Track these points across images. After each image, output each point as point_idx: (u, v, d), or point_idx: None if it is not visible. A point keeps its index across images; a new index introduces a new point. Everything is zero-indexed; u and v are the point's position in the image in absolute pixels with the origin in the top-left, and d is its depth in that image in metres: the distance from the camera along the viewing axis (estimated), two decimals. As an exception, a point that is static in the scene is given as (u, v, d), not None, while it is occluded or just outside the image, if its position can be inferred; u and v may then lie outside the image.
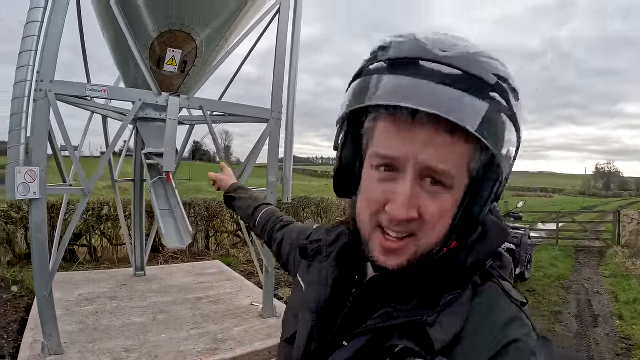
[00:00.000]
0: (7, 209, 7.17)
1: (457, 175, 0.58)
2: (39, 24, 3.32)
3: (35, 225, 3.45)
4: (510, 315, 0.59)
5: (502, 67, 0.58)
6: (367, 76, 0.60)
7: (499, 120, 0.56)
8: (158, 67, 4.00)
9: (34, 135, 3.36)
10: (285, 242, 1.10)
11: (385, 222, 0.60)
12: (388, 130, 0.58)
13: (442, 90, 0.53)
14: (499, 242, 0.67)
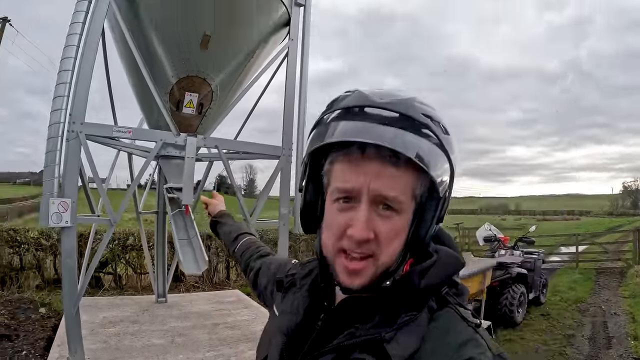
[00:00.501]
0: (37, 236, 7.68)
1: (404, 201, 0.68)
2: (70, 72, 3.80)
3: (66, 250, 3.83)
4: (466, 337, 0.65)
5: (431, 109, 0.70)
6: (322, 124, 0.71)
7: (431, 151, 0.66)
8: (177, 109, 4.43)
9: (66, 171, 3.78)
10: (263, 273, 1.18)
11: (347, 244, 0.68)
12: (344, 168, 0.69)
13: (384, 129, 0.64)
14: (452, 269, 0.74)
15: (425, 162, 0.65)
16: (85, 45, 3.86)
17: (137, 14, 4.25)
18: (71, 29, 3.87)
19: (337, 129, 0.68)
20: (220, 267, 8.74)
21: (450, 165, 0.70)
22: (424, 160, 0.65)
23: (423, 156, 0.65)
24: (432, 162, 0.66)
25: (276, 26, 4.83)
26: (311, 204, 0.79)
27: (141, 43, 4.27)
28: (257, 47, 4.74)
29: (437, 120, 0.69)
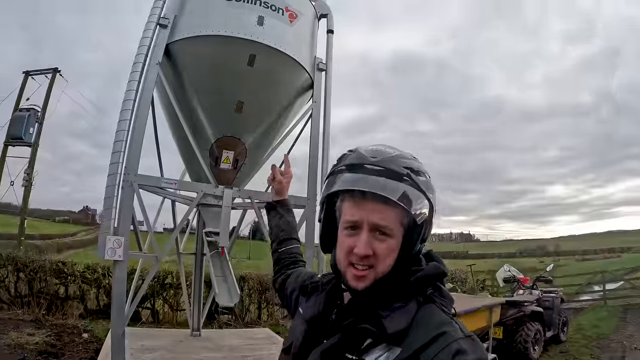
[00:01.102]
0: (83, 270, 8.45)
1: (395, 228, 0.94)
2: (126, 132, 4.54)
3: (117, 280, 4.44)
4: (444, 319, 0.91)
5: (411, 161, 0.98)
6: (334, 175, 1.01)
7: (410, 192, 0.93)
8: (216, 164, 5.17)
9: (121, 213, 4.46)
10: (291, 281, 1.40)
11: (354, 259, 0.95)
12: (350, 205, 0.97)
13: (376, 179, 0.92)
14: (434, 272, 0.99)
15: (405, 202, 0.92)
16: (138, 109, 4.63)
17: (181, 83, 5.07)
18: (126, 96, 4.64)
19: (344, 179, 0.97)
20: (252, 307, 9.24)
21: (428, 200, 0.96)
22: (404, 201, 0.92)
23: (404, 197, 0.92)
24: (412, 201, 0.93)
25: (301, 90, 5.54)
26: (327, 230, 1.09)
27: (185, 107, 5.04)
28: (284, 110, 5.47)
29: (416, 169, 0.97)
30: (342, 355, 0.92)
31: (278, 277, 1.49)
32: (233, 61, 4.88)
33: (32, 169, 15.95)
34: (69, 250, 28.77)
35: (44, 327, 6.60)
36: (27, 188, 15.86)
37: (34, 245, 19.47)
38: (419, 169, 0.98)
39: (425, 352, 0.84)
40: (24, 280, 7.86)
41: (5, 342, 5.42)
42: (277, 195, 1.68)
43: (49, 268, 7.97)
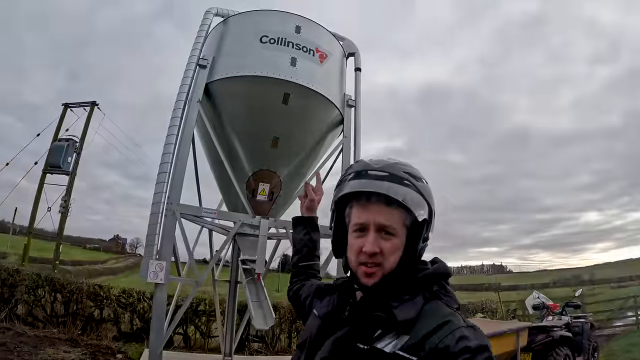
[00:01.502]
0: (118, 294, 8.74)
1: (398, 228, 1.03)
2: (169, 165, 4.96)
3: (157, 302, 4.76)
4: (448, 312, 0.98)
5: (410, 168, 1.08)
6: (342, 183, 1.12)
7: (411, 195, 1.02)
8: (253, 196, 5.53)
9: (163, 240, 4.81)
10: (305, 289, 1.47)
11: (363, 257, 1.03)
12: (357, 209, 1.07)
13: (379, 183, 1.02)
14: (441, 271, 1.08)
15: (408, 203, 1.01)
16: (180, 144, 5.06)
17: (220, 120, 5.52)
18: (169, 131, 5.10)
19: (351, 185, 1.07)
20: (282, 336, 9.35)
21: (427, 203, 1.06)
22: (407, 202, 1.01)
23: (407, 199, 1.01)
24: (413, 203, 1.02)
25: (332, 125, 5.92)
26: (339, 236, 1.18)
27: (223, 142, 5.47)
28: (316, 144, 5.85)
29: (415, 174, 1.07)
30: (353, 345, 0.98)
31: (293, 286, 1.55)
32: (268, 100, 5.30)
33: (70, 196, 16.74)
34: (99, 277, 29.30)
35: (79, 346, 6.86)
36: (64, 214, 16.62)
37: (65, 271, 20.04)
38: (417, 174, 1.08)
39: (431, 339, 0.91)
40: (60, 301, 8.18)
41: (42, 357, 5.67)
42: (307, 212, 1.68)
43: (85, 290, 8.30)
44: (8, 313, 7.46)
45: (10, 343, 6.00)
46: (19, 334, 6.72)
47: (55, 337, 7.12)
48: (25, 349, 5.90)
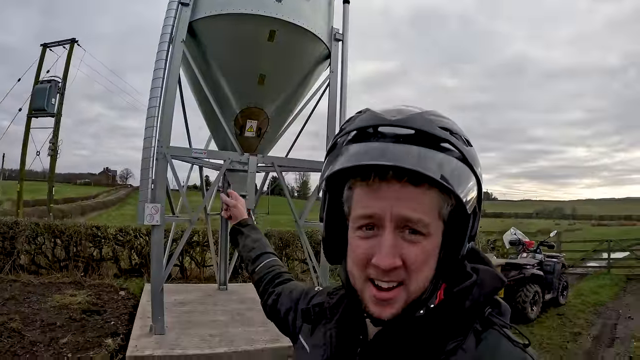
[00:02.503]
0: (115, 233, 9.04)
1: (431, 222, 0.63)
2: (157, 108, 4.96)
3: (155, 243, 4.99)
4: (516, 358, 0.62)
5: (449, 121, 0.66)
6: (336, 148, 0.67)
7: (455, 167, 0.62)
8: (241, 133, 5.64)
9: (156, 182, 4.94)
10: (284, 299, 1.09)
11: (374, 273, 0.63)
12: (363, 193, 0.65)
13: (400, 148, 0.60)
14: (494, 287, 0.69)
15: (449, 181, 0.60)
16: (167, 87, 5.02)
17: (206, 59, 5.46)
18: (155, 74, 5.03)
19: (351, 153, 0.64)
20: None
21: (477, 179, 0.66)
22: (448, 179, 0.60)
23: (447, 174, 0.60)
24: (457, 179, 0.62)
25: (319, 60, 5.89)
26: (334, 233, 0.76)
27: (210, 82, 5.46)
28: (303, 80, 5.85)
29: (457, 132, 0.65)
30: None
31: (267, 299, 1.16)
32: (254, 37, 5.22)
33: (57, 138, 16.62)
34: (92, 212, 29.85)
35: (83, 287, 7.16)
36: (53, 157, 16.58)
37: (58, 210, 20.30)
38: (461, 132, 0.67)
39: None
40: (60, 246, 8.46)
41: (50, 304, 5.93)
42: (234, 220, 1.44)
43: (83, 233, 8.55)
44: (12, 265, 7.72)
45: (19, 295, 6.24)
46: (25, 284, 6.97)
47: (60, 282, 7.41)
48: (34, 299, 6.15)
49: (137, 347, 4.54)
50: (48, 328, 5.05)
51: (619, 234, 26.92)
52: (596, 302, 8.67)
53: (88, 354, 4.45)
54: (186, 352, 4.53)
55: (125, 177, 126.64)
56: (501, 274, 0.79)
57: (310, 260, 5.93)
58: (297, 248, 10.15)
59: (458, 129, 0.67)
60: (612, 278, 11.33)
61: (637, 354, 5.42)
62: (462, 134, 0.67)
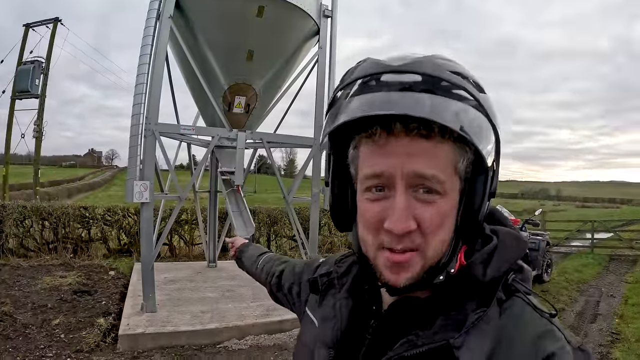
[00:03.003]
0: (103, 213, 8.98)
1: (447, 179, 0.57)
2: (144, 85, 4.91)
3: (144, 220, 4.97)
4: (541, 329, 0.56)
5: (459, 65, 0.59)
6: (337, 103, 0.60)
7: (472, 115, 0.55)
8: (229, 109, 5.61)
9: (145, 160, 4.91)
10: (287, 274, 1.05)
11: (387, 240, 0.58)
12: (369, 151, 0.59)
13: (408, 96, 0.53)
14: (517, 253, 0.63)
15: (469, 132, 0.54)
16: (154, 63, 4.95)
17: (194, 35, 5.37)
18: (142, 51, 4.96)
19: (352, 106, 0.56)
20: (262, 240, 9.95)
21: (494, 128, 0.59)
22: (466, 130, 0.53)
23: (465, 125, 0.53)
24: (476, 130, 0.55)
25: (308, 36, 5.84)
26: (341, 198, 0.69)
27: (198, 58, 5.38)
28: (291, 56, 5.81)
29: (469, 76, 0.58)
30: None
31: (270, 280, 1.12)
32: (242, 12, 5.16)
33: (42, 120, 16.30)
34: (78, 194, 29.58)
35: (73, 269, 7.18)
36: (38, 139, 16.27)
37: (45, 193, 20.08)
38: (475, 78, 0.60)
39: None
40: (48, 228, 8.40)
41: (41, 286, 5.95)
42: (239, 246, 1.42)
43: (71, 214, 8.50)
44: (0, 249, 7.69)
45: (9, 278, 6.23)
46: (14, 267, 6.96)
47: (49, 264, 7.44)
48: (24, 282, 6.16)
49: (129, 325, 4.60)
50: (40, 310, 5.08)
51: (602, 215, 27.43)
52: (579, 280, 8.80)
53: (80, 334, 4.50)
54: (178, 328, 4.61)
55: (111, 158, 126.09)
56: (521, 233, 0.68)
57: (299, 236, 5.98)
58: (285, 225, 10.21)
59: (470, 73, 0.60)
60: (595, 257, 11.53)
61: (619, 330, 5.53)
62: (475, 79, 0.60)
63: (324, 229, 10.87)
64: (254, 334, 4.85)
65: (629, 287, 8.18)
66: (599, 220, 15.32)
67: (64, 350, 4.17)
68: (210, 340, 4.63)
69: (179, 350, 4.40)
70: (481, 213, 0.61)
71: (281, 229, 10.31)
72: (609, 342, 5.15)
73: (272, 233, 10.16)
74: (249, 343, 4.69)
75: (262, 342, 4.74)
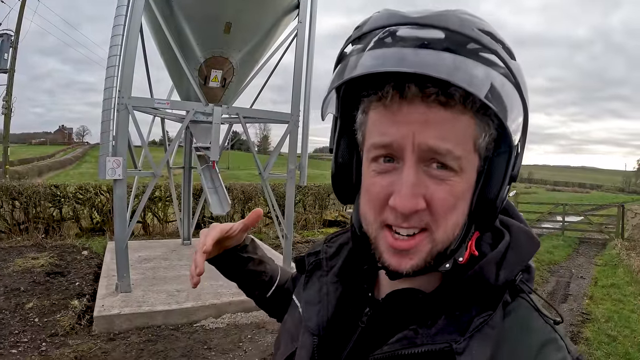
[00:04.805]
0: (75, 191, 8.74)
1: (464, 155, 0.50)
2: (117, 57, 4.70)
3: (118, 198, 4.82)
4: (545, 337, 0.52)
5: (489, 25, 0.50)
6: (345, 59, 0.52)
7: (497, 82, 0.47)
8: (205, 83, 5.42)
9: (118, 135, 4.73)
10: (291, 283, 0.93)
11: (392, 218, 0.51)
12: (379, 117, 0.51)
13: (427, 53, 0.45)
14: (531, 253, 0.57)
15: (493, 102, 0.46)
16: (128, 35, 4.72)
17: (170, 5, 5.12)
18: (116, 21, 4.73)
19: (359, 62, 0.49)
20: (236, 217, 9.85)
21: (523, 102, 0.51)
22: (492, 99, 0.45)
23: (491, 94, 0.46)
24: (502, 101, 0.47)
25: (287, 10, 5.66)
26: (345, 167, 0.61)
27: (174, 30, 5.16)
28: (270, 30, 5.63)
29: (499, 39, 0.50)
30: None
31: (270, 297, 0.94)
32: (221, -17, 4.94)
33: (10, 96, 15.61)
34: (49, 172, 28.79)
35: (45, 249, 7.05)
36: (7, 116, 15.62)
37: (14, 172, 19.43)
38: (504, 40, 0.51)
39: None
40: (19, 208, 8.14)
41: (12, 269, 5.82)
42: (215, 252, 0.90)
43: (42, 193, 8.24)
44: None
45: None
46: None
47: (21, 246, 7.30)
48: None
49: (104, 306, 4.52)
50: (12, 294, 4.98)
51: (572, 199, 28.36)
52: (550, 261, 9.01)
53: (55, 317, 4.41)
54: (154, 308, 4.55)
55: (82, 135, 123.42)
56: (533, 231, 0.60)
57: (275, 213, 5.93)
58: (259, 202, 10.19)
59: (500, 35, 0.50)
60: (565, 240, 11.87)
61: (589, 311, 5.71)
62: (506, 42, 0.51)
63: (299, 206, 10.89)
64: (230, 312, 4.82)
65: (598, 270, 8.44)
66: (570, 203, 15.78)
67: (38, 334, 4.09)
68: (186, 319, 4.59)
69: (155, 331, 4.35)
70: (500, 198, 0.53)
71: (256, 206, 10.20)
72: (579, 322, 5.32)
73: (247, 210, 10.09)
74: (226, 321, 4.67)
75: (239, 321, 4.72)
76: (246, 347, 4.16)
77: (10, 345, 3.85)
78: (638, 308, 5.87)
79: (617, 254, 9.74)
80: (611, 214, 14.14)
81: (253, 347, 4.18)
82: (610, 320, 5.35)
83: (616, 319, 5.37)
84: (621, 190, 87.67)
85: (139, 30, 4.93)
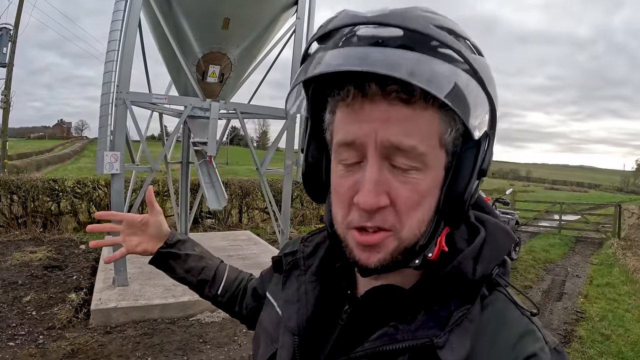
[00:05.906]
0: (73, 185, 8.74)
1: (429, 151, 0.50)
2: (116, 52, 4.70)
3: (115, 192, 4.83)
4: (522, 329, 0.53)
5: (450, 21, 0.50)
6: (308, 60, 0.52)
7: (458, 78, 0.46)
8: (203, 78, 5.44)
9: (116, 130, 4.73)
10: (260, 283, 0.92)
11: (356, 218, 0.51)
12: (344, 116, 0.52)
13: (386, 52, 0.45)
14: (506, 248, 0.58)
15: (457, 102, 0.45)
16: (127, 30, 4.72)
17: (169, 1, 5.11)
18: (114, 16, 4.72)
19: (319, 61, 0.49)
20: (233, 212, 9.91)
21: (489, 97, 0.50)
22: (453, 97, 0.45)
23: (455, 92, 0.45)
24: (463, 98, 0.46)
25: (286, 6, 5.66)
26: (316, 167, 0.62)
27: (172, 25, 5.16)
28: (268, 26, 5.63)
29: (461, 35, 0.50)
30: None
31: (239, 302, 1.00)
32: (219, -22, 4.94)
33: (9, 90, 15.57)
34: (47, 167, 28.72)
35: (43, 243, 7.07)
36: (6, 110, 15.58)
37: (13, 166, 19.44)
38: (466, 36, 0.51)
39: None
40: (17, 202, 8.14)
41: (10, 262, 5.84)
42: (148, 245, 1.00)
43: (40, 187, 8.24)
44: None
45: None
46: None
47: (19, 239, 7.31)
48: None
49: (101, 300, 4.53)
50: (10, 287, 5.00)
51: (570, 198, 28.22)
52: (546, 259, 9.00)
53: (52, 310, 4.44)
54: (150, 302, 4.57)
55: (81, 129, 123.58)
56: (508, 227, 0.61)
57: (272, 208, 5.94)
58: (257, 197, 10.18)
59: (463, 31, 0.50)
60: (562, 238, 11.85)
61: (583, 309, 5.71)
62: (470, 38, 0.51)
63: (296, 202, 10.89)
64: (226, 307, 4.84)
65: (593, 269, 8.42)
66: (567, 202, 15.78)
67: (36, 327, 4.11)
68: (183, 313, 4.61)
69: (151, 324, 4.37)
70: (467, 192, 0.53)
71: (253, 201, 10.30)
72: (573, 321, 5.31)
73: (244, 205, 10.12)
74: (222, 316, 4.68)
75: (235, 315, 4.74)
76: (241, 341, 4.20)
77: (7, 338, 3.88)
78: (632, 307, 5.86)
79: (613, 253, 9.73)
80: (608, 214, 14.05)
81: (248, 341, 4.21)
82: (605, 319, 5.35)
83: (610, 318, 5.37)
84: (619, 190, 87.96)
85: (138, 26, 4.93)
